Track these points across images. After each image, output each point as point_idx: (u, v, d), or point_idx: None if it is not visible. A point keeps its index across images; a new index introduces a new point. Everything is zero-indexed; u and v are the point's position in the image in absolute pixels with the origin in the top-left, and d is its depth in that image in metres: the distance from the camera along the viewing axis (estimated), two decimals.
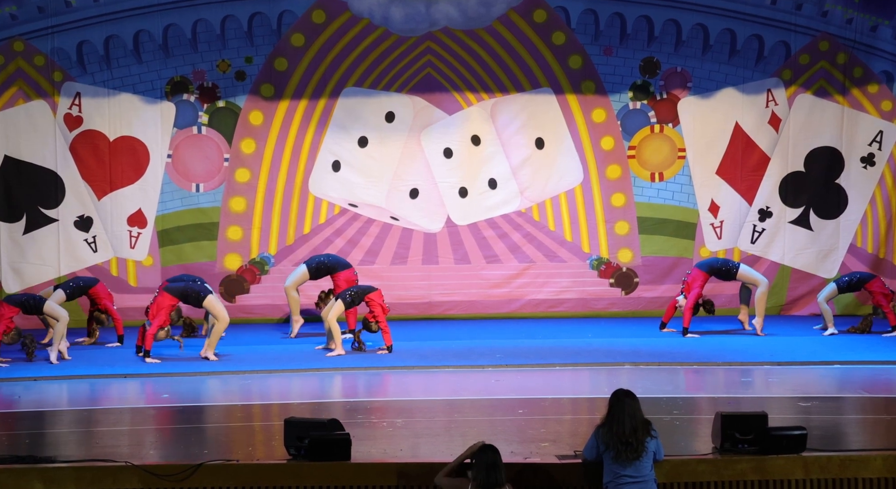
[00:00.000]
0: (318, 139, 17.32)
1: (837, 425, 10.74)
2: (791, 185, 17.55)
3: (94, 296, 15.34)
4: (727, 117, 17.49)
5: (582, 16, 17.28)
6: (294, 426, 8.88)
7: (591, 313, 17.53)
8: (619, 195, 17.60)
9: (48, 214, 16.97)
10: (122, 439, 10.28)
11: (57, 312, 14.22)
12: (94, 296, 15.34)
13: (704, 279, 15.70)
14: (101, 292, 15.37)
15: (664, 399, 11.54)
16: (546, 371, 13.53)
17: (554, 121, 17.48)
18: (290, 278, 15.93)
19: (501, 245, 17.58)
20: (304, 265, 15.91)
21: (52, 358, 14.01)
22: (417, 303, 17.43)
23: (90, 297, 15.39)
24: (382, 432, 10.36)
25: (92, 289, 15.36)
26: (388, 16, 17.20)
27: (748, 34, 17.35)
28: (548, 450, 9.35)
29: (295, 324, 15.85)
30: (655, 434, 8.34)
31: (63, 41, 16.80)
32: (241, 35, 17.07)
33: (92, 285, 15.42)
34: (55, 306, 14.37)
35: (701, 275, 15.71)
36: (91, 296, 15.36)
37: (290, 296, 15.84)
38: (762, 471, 8.76)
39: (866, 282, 15.91)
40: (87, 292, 15.36)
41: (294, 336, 15.79)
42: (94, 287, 15.39)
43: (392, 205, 17.47)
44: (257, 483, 8.71)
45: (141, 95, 17.03)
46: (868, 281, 15.90)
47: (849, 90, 17.45)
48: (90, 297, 15.39)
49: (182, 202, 17.25)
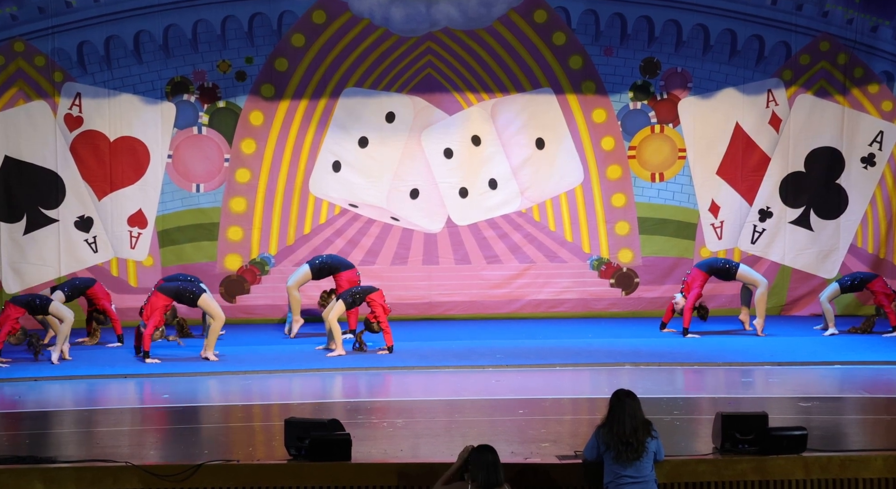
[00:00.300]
0: (318, 139, 17.32)
1: (838, 425, 10.74)
2: (791, 186, 17.54)
3: (91, 297, 15.34)
4: (727, 117, 17.49)
5: (582, 16, 17.28)
6: (294, 426, 8.88)
7: (591, 313, 17.53)
8: (619, 195, 17.60)
9: (48, 215, 16.97)
10: (122, 439, 10.28)
11: (63, 313, 14.22)
12: (91, 297, 15.34)
13: (704, 279, 15.70)
14: (98, 292, 15.37)
15: (665, 399, 11.54)
16: (546, 371, 13.53)
17: (554, 121, 17.48)
18: (293, 278, 15.93)
19: (502, 245, 17.58)
20: (307, 265, 15.91)
21: (53, 358, 14.00)
22: (418, 303, 17.42)
23: (88, 298, 15.38)
24: (383, 432, 10.36)
25: (90, 290, 15.35)
26: (388, 16, 17.20)
27: (749, 34, 17.35)
28: (548, 450, 9.35)
29: (295, 324, 15.85)
30: (656, 434, 8.34)
31: (63, 41, 16.80)
32: (242, 35, 17.07)
33: (90, 285, 15.41)
34: (61, 307, 14.36)
35: (701, 275, 15.70)
36: (89, 296, 15.36)
37: (291, 295, 15.84)
38: (762, 471, 8.76)
39: (868, 281, 15.90)
40: (84, 293, 15.36)
41: (293, 336, 15.78)
42: (91, 287, 15.38)
43: (392, 205, 17.46)
44: (257, 483, 8.70)
45: (141, 96, 17.03)
46: (870, 281, 15.89)
47: (849, 90, 17.45)
48: (88, 298, 15.38)
49: (182, 202, 17.25)
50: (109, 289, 16.51)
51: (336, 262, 15.90)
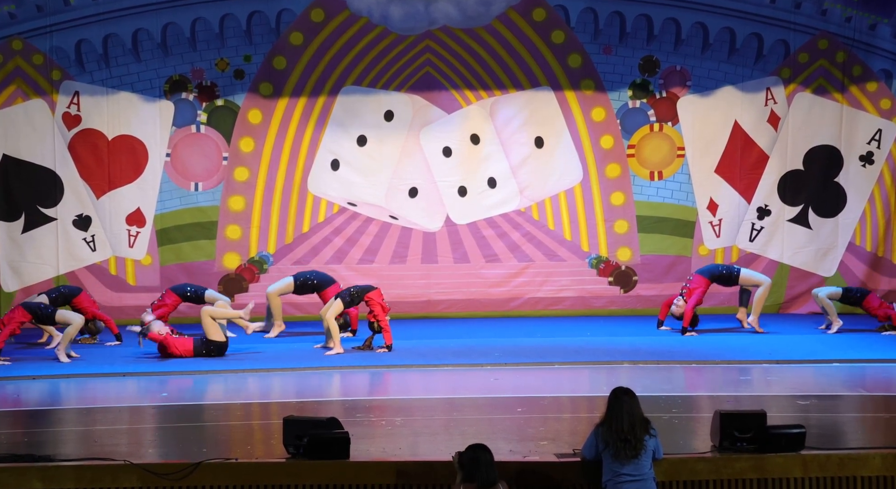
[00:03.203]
0: (316, 138, 17.31)
1: (836, 423, 10.73)
2: (790, 184, 17.55)
3: (77, 306, 15.16)
4: (726, 116, 17.50)
5: (581, 14, 17.28)
6: (293, 425, 8.88)
7: (590, 312, 17.53)
8: (618, 194, 17.60)
9: (47, 213, 16.96)
10: (121, 438, 10.27)
11: (70, 318, 14.24)
12: (77, 306, 15.16)
13: (707, 285, 15.67)
14: (84, 302, 15.23)
15: (663, 397, 11.53)
16: (545, 369, 13.53)
17: (553, 119, 17.48)
18: (274, 286, 15.88)
19: (501, 244, 17.58)
20: (292, 278, 15.84)
21: (61, 357, 14.01)
22: (417, 301, 17.42)
23: (73, 307, 15.22)
24: (381, 431, 10.36)
25: (75, 299, 15.25)
26: (386, 14, 17.19)
27: (747, 33, 17.35)
28: (547, 448, 9.34)
29: (276, 328, 15.76)
30: (654, 432, 8.34)
31: (62, 40, 16.79)
32: (240, 33, 17.06)
33: (75, 295, 15.31)
34: (67, 313, 14.37)
35: (703, 282, 15.67)
36: (74, 306, 15.18)
37: (272, 301, 15.77)
38: (761, 469, 8.76)
39: (863, 299, 15.78)
40: (70, 302, 15.25)
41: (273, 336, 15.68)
42: (77, 296, 15.29)
43: (391, 203, 17.46)
44: (256, 481, 8.70)
45: (139, 94, 17.03)
46: (864, 298, 15.76)
47: (848, 88, 17.46)
48: (73, 307, 15.22)
49: (181, 201, 17.24)
50: (108, 287, 16.57)
51: (320, 281, 15.74)
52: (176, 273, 17.06)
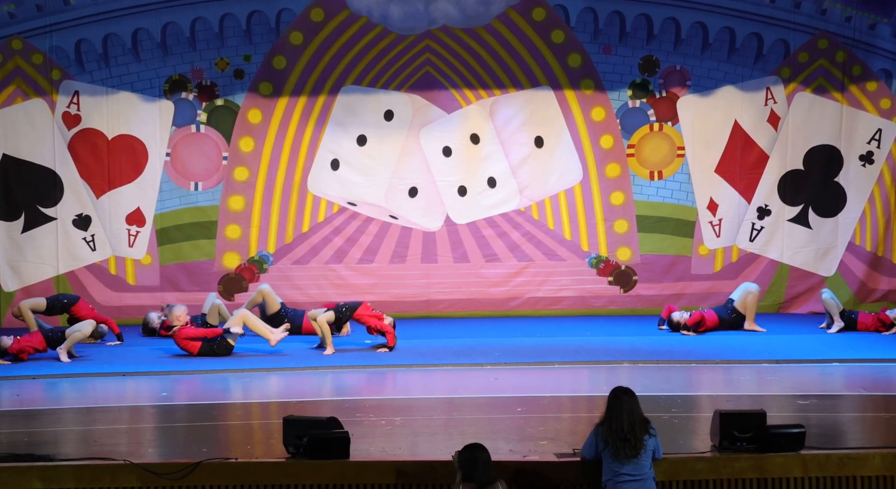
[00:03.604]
0: (316, 137, 17.31)
1: (836, 423, 10.74)
2: (790, 184, 17.54)
3: (76, 315, 15.15)
4: (726, 115, 17.49)
5: (581, 14, 17.27)
6: (293, 424, 8.88)
7: (589, 311, 17.53)
8: (618, 193, 17.60)
9: (47, 213, 16.96)
10: (120, 437, 10.27)
11: (79, 328, 14.23)
12: (76, 315, 15.15)
13: (715, 323, 15.71)
14: (83, 309, 15.22)
15: (663, 397, 11.53)
16: (545, 369, 13.53)
17: (553, 119, 17.47)
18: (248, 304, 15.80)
19: (500, 243, 17.57)
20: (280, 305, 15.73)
21: (62, 357, 14.01)
22: (416, 301, 17.42)
23: (71, 315, 15.20)
24: (381, 430, 10.36)
25: (73, 308, 15.24)
26: (386, 14, 17.19)
27: (747, 32, 17.35)
28: (547, 448, 9.35)
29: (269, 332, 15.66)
30: (654, 432, 8.35)
31: (61, 39, 16.79)
32: (240, 33, 17.06)
33: (74, 303, 15.31)
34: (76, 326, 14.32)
35: (714, 319, 15.72)
36: (72, 314, 15.19)
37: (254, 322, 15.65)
38: (761, 469, 8.76)
39: (856, 322, 15.75)
40: (68, 310, 15.25)
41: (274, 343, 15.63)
42: (75, 304, 15.28)
43: (391, 203, 17.46)
44: (256, 481, 8.70)
45: (139, 94, 17.02)
46: (857, 321, 15.73)
47: (847, 88, 17.45)
48: (71, 315, 15.20)
49: (181, 200, 17.24)
50: (108, 287, 16.57)
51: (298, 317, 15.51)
52: (176, 272, 17.07)
